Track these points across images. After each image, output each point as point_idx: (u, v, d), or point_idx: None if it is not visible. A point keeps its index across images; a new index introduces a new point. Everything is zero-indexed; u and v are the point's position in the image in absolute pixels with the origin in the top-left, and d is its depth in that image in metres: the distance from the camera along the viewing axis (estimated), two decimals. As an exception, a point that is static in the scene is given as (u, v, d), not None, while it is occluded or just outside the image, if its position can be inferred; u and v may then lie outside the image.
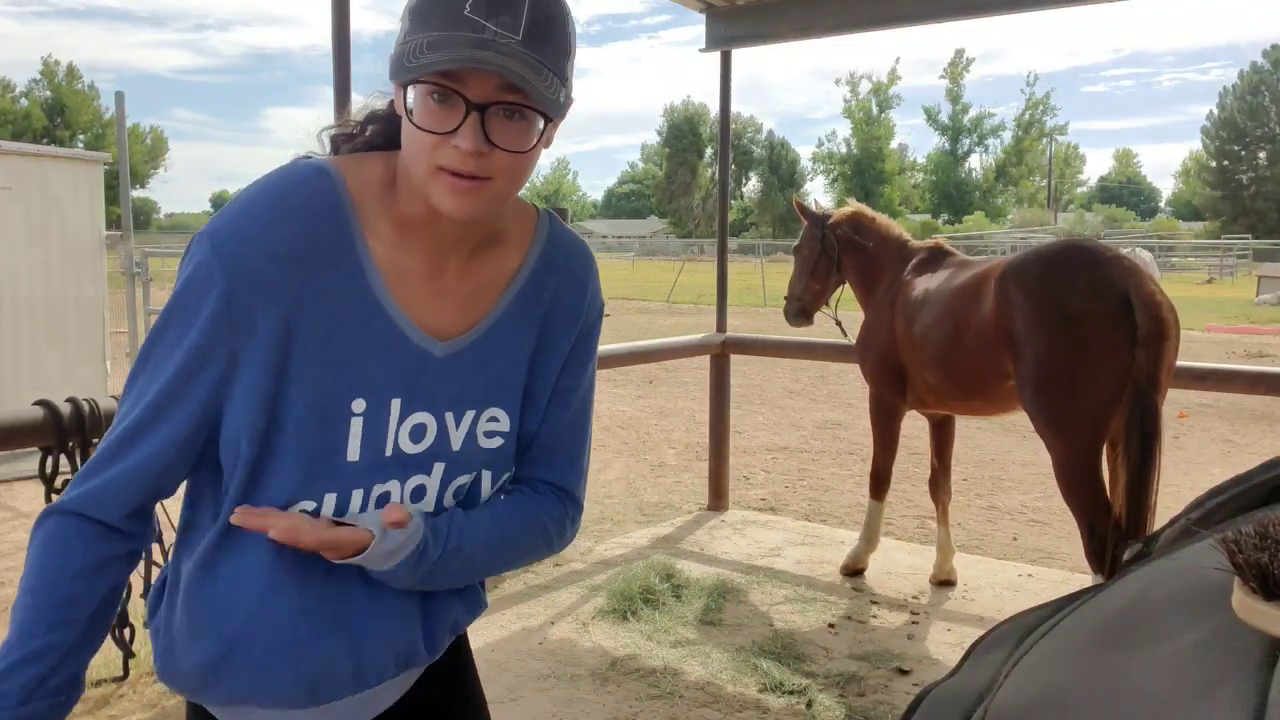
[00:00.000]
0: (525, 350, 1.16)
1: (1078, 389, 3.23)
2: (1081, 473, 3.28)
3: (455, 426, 1.12)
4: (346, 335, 1.04)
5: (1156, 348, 3.12)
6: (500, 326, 1.14)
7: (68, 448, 2.78)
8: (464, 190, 0.98)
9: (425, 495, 1.12)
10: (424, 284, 1.09)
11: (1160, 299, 3.18)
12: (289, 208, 1.02)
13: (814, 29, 5.09)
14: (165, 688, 3.19)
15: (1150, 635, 0.37)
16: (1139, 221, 55.62)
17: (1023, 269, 3.43)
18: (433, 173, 0.98)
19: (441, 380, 1.10)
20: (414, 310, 1.08)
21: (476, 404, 1.13)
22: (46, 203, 6.45)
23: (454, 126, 0.95)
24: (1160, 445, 3.20)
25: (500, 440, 1.16)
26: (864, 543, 4.44)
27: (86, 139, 60.43)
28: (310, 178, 1.04)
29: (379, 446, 1.07)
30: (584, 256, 1.23)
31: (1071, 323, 3.21)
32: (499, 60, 0.93)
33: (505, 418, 1.15)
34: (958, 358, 3.72)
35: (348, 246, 1.04)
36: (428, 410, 1.09)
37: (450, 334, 1.11)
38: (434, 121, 0.96)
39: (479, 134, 0.96)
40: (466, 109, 0.95)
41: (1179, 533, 0.45)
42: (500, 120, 0.97)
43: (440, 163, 0.97)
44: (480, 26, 0.93)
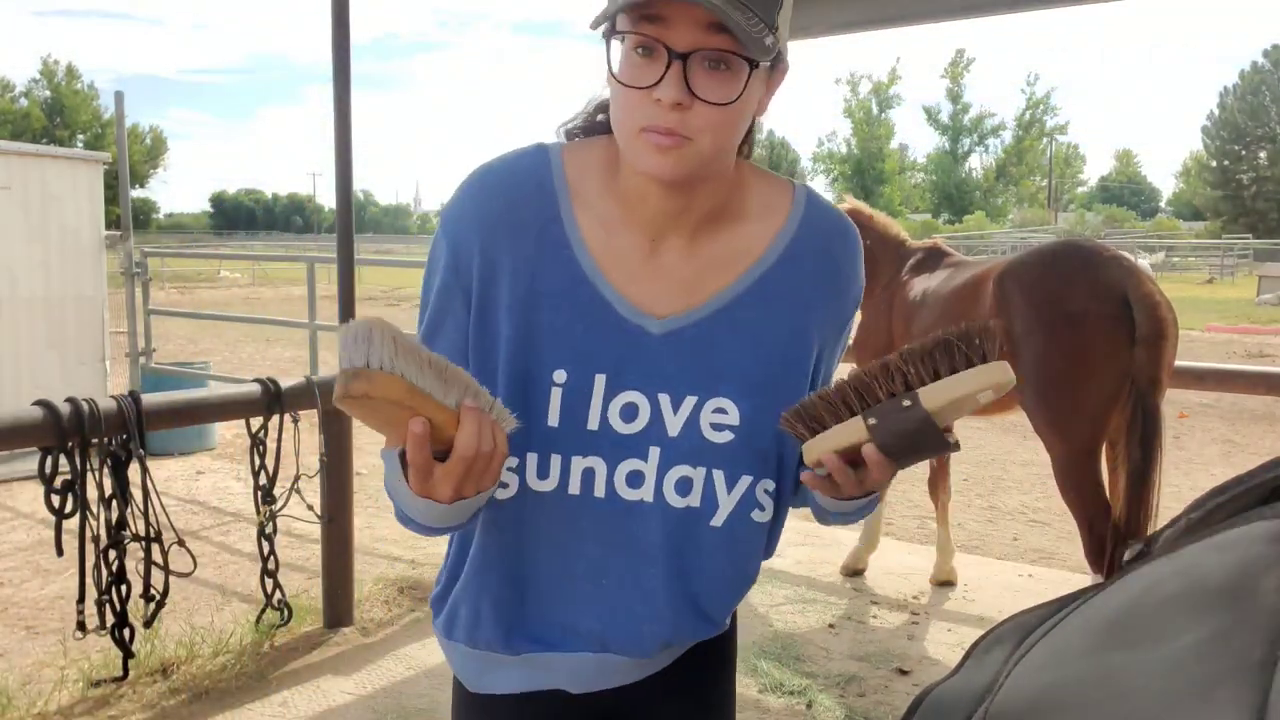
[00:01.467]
0: (770, 339, 1.08)
1: (1077, 389, 3.23)
2: (1081, 472, 3.28)
3: (673, 411, 1.06)
4: (553, 305, 1.04)
5: (1156, 347, 3.12)
6: (734, 309, 1.07)
7: (67, 448, 2.78)
8: (666, 148, 0.95)
9: (643, 482, 1.07)
10: (642, 260, 1.07)
11: (1159, 298, 3.17)
12: (495, 184, 1.07)
13: (814, 29, 5.09)
14: (165, 688, 3.19)
15: (1151, 635, 0.37)
16: (1139, 221, 55.59)
17: (1021, 269, 3.43)
18: (636, 134, 0.96)
19: (657, 360, 1.06)
20: (627, 287, 1.06)
21: (699, 389, 1.06)
22: (46, 202, 6.45)
23: (657, 79, 0.93)
24: (1161, 445, 3.20)
25: (730, 435, 1.07)
26: (863, 543, 4.44)
27: (86, 139, 60.45)
28: (522, 157, 1.08)
29: (580, 418, 1.05)
30: (847, 237, 1.14)
31: (1070, 323, 3.21)
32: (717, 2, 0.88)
33: (735, 410, 1.07)
34: None
35: (554, 221, 1.05)
36: (639, 389, 1.06)
37: (669, 312, 1.06)
38: (637, 76, 0.94)
39: (681, 84, 0.92)
40: (669, 59, 0.92)
41: (1179, 533, 0.45)
42: (703, 71, 0.93)
43: (644, 123, 0.95)
44: None
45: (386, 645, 3.61)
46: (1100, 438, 3.29)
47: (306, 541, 4.65)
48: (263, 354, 12.75)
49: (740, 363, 1.07)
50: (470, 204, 1.06)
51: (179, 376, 6.95)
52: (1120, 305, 3.15)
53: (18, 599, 4.11)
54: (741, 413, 1.07)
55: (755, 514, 1.10)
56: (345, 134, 3.61)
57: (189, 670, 3.31)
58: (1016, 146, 64.38)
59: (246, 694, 3.20)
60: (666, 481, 1.07)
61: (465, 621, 1.14)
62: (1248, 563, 0.37)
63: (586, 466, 1.06)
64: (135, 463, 2.95)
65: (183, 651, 3.39)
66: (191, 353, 11.95)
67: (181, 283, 27.35)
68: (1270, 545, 0.37)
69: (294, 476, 3.52)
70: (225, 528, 5.19)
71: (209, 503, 5.68)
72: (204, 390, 3.94)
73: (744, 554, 1.15)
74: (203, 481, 6.18)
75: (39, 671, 3.37)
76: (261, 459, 3.47)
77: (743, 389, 1.07)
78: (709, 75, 0.93)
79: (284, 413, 3.41)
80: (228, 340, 14.05)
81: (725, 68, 0.94)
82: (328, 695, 3.21)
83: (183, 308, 16.05)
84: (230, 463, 6.67)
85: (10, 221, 6.26)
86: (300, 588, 4.05)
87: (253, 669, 3.36)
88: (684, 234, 1.07)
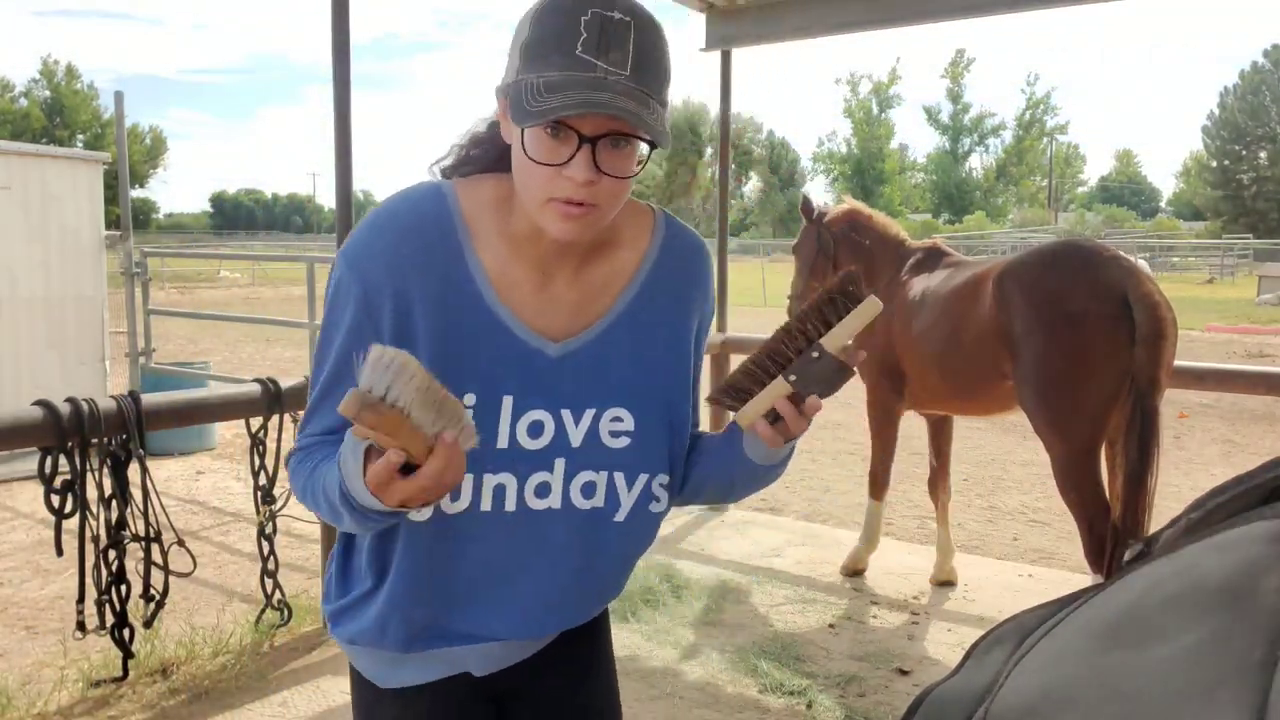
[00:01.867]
0: (650, 350, 1.22)
1: (1077, 389, 3.23)
2: (1080, 472, 3.28)
3: (574, 424, 1.17)
4: (459, 335, 1.13)
5: (1156, 347, 3.12)
6: (617, 328, 1.20)
7: (67, 448, 2.78)
8: (574, 216, 1.05)
9: (550, 492, 1.17)
10: (535, 291, 1.17)
11: (1159, 298, 3.17)
12: (404, 226, 1.14)
13: (814, 29, 5.09)
14: (165, 688, 3.19)
15: (1151, 636, 0.37)
16: (1139, 221, 55.56)
17: (1021, 269, 3.43)
18: (545, 203, 1.06)
19: (556, 379, 1.16)
20: (525, 314, 1.16)
21: (596, 402, 1.18)
22: (46, 202, 6.45)
23: (567, 158, 1.03)
24: (1159, 445, 3.20)
25: (627, 440, 1.19)
26: (864, 543, 4.44)
27: (86, 139, 60.43)
28: (425, 198, 1.16)
29: (490, 437, 1.13)
30: (700, 253, 1.28)
31: (1071, 323, 3.21)
32: (615, 102, 0.99)
33: (630, 418, 1.19)
34: (955, 358, 3.72)
35: (458, 257, 1.14)
36: (544, 408, 1.16)
37: (564, 335, 1.17)
38: (548, 154, 1.03)
39: (590, 164, 1.02)
40: (579, 142, 1.02)
41: (1180, 533, 0.45)
42: (608, 149, 1.03)
43: (553, 194, 1.05)
44: (592, 65, 1.00)
45: (386, 645, 3.61)
46: (1100, 437, 3.29)
47: (306, 541, 4.65)
48: (263, 354, 12.75)
49: (629, 375, 1.20)
50: (381, 245, 1.13)
51: (179, 376, 6.94)
52: (1120, 305, 3.15)
53: (18, 599, 4.12)
54: (636, 419, 1.19)
55: (652, 506, 1.23)
56: (345, 134, 3.61)
57: (189, 670, 3.31)
58: (1016, 146, 64.39)
59: (246, 694, 3.20)
60: (573, 488, 1.18)
61: (372, 632, 1.22)
62: (1248, 563, 0.37)
63: (498, 483, 1.15)
64: (135, 463, 2.95)
65: (182, 652, 3.39)
66: (191, 353, 11.95)
67: (181, 283, 27.35)
68: (1270, 545, 0.37)
69: (294, 476, 3.51)
70: (225, 528, 5.19)
71: (209, 503, 5.68)
72: (204, 390, 3.93)
73: (641, 542, 1.28)
74: (203, 481, 6.19)
75: (39, 671, 3.37)
76: (261, 459, 3.47)
77: (634, 398, 1.20)
78: (612, 153, 1.04)
79: (284, 413, 3.41)
80: (228, 340, 14.05)
81: (627, 144, 1.04)
82: (328, 695, 3.21)
83: (183, 308, 16.05)
84: (230, 463, 6.68)
85: (10, 221, 6.26)
86: (300, 588, 4.05)
87: (253, 669, 3.36)
88: (570, 266, 1.18)
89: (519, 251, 1.16)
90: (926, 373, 3.91)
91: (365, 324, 1.13)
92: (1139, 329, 3.12)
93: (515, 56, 1.06)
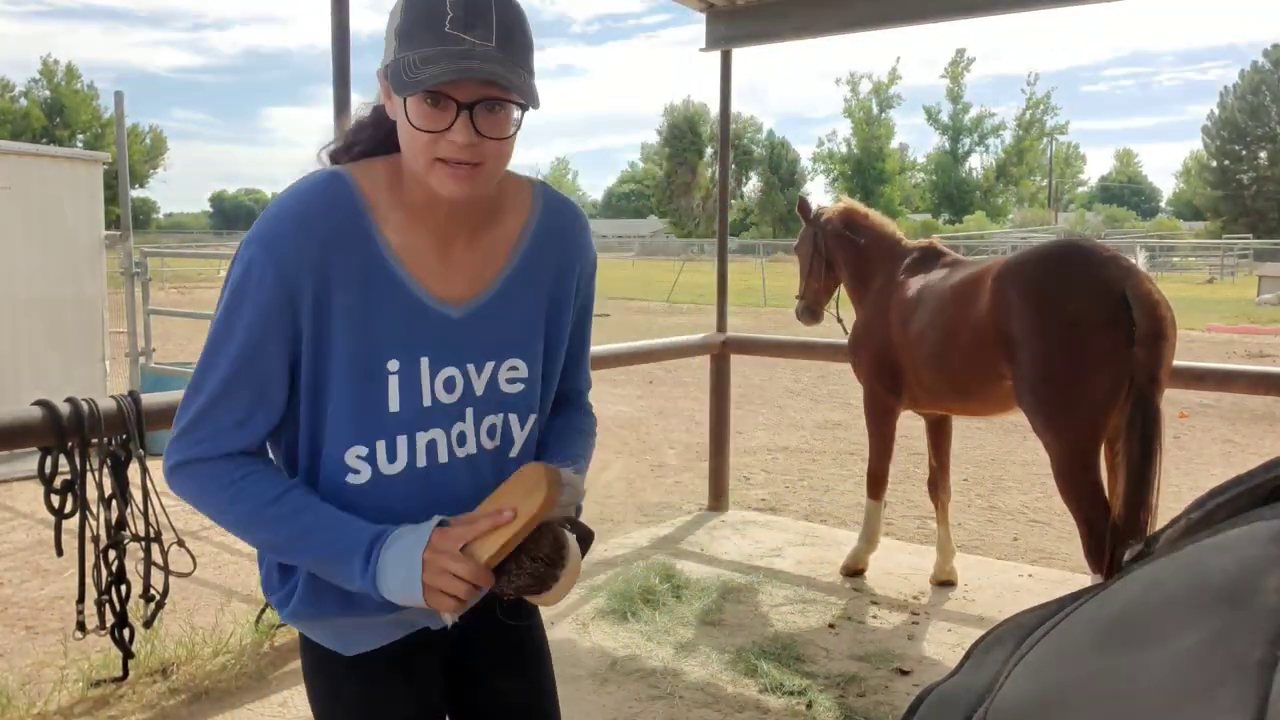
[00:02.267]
0: (538, 305, 1.37)
1: (1075, 390, 3.22)
2: (1079, 472, 3.28)
3: (478, 375, 1.32)
4: (376, 308, 1.24)
5: (1156, 347, 3.12)
6: (509, 287, 1.34)
7: (67, 448, 2.78)
8: (462, 176, 1.18)
9: (466, 440, 1.32)
10: (436, 259, 1.29)
11: (1158, 298, 3.17)
12: (315, 210, 1.22)
13: (814, 29, 5.09)
14: (165, 688, 3.19)
15: (1151, 636, 0.37)
16: (1139, 221, 55.60)
17: (1019, 270, 3.42)
18: (431, 164, 1.18)
19: (462, 338, 1.30)
20: (429, 281, 1.28)
21: (496, 355, 1.33)
22: (46, 203, 6.45)
23: (448, 125, 1.15)
24: (1161, 444, 3.20)
25: (521, 386, 1.36)
26: (863, 543, 4.44)
27: (86, 139, 60.42)
28: (326, 182, 1.25)
29: (416, 398, 1.27)
30: (577, 219, 1.43)
31: (1070, 324, 3.21)
32: (484, 68, 1.12)
33: (524, 366, 1.36)
34: (953, 358, 3.71)
35: (364, 235, 1.24)
36: (454, 365, 1.29)
37: (465, 298, 1.30)
38: (430, 122, 1.16)
39: (469, 128, 1.16)
40: (457, 109, 1.15)
41: (1180, 533, 0.45)
42: (484, 114, 1.16)
43: (438, 155, 1.17)
44: (460, 40, 1.12)
45: (386, 645, 3.62)
46: (1099, 438, 3.28)
47: (306, 541, 4.65)
48: (263, 354, 12.76)
49: (520, 328, 1.35)
50: (294, 229, 1.21)
51: (179, 376, 6.95)
52: (1119, 305, 3.14)
53: (18, 599, 4.12)
54: (528, 367, 1.36)
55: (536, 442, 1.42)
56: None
57: (189, 670, 3.31)
58: (1016, 146, 64.37)
59: (246, 694, 3.20)
60: (481, 432, 1.33)
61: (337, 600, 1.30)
62: (1248, 563, 0.37)
63: (429, 439, 1.29)
64: (135, 462, 2.95)
65: (183, 651, 3.39)
66: (191, 353, 11.95)
67: (181, 283, 27.36)
68: (1271, 545, 0.37)
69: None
70: (225, 528, 5.19)
71: (209, 503, 5.68)
72: (204, 390, 3.92)
73: None
74: (203, 481, 6.19)
75: (39, 671, 3.37)
76: (261, 459, 3.47)
77: (525, 349, 1.36)
78: (488, 117, 1.17)
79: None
80: (228, 340, 14.06)
81: (501, 108, 1.17)
82: (328, 695, 3.21)
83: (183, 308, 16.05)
84: (230, 463, 6.68)
85: (10, 221, 6.26)
86: (300, 588, 4.05)
87: (253, 669, 3.36)
88: (465, 231, 1.31)
89: (419, 222, 1.27)
90: (923, 373, 3.90)
91: (282, 306, 1.20)
92: (1138, 329, 3.11)
93: (391, 39, 1.18)
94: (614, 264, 45.06)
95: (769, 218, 64.72)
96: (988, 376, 3.58)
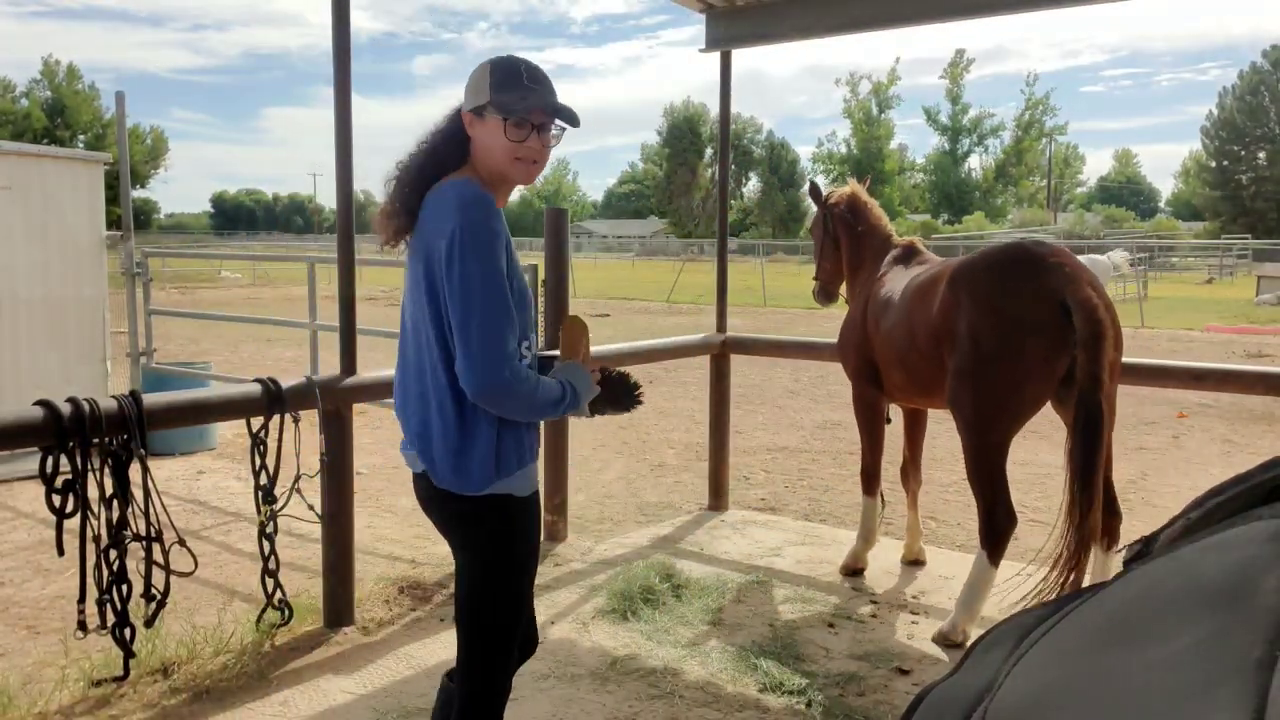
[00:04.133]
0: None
1: (1008, 390, 3.40)
2: (990, 464, 3.50)
3: None
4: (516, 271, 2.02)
5: (1095, 348, 3.25)
6: None
7: (68, 447, 2.78)
8: (531, 170, 2.07)
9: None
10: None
11: (1096, 302, 3.30)
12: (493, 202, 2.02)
13: (814, 29, 5.09)
14: (166, 687, 3.19)
15: (1150, 635, 0.37)
16: (1138, 221, 55.51)
17: (969, 271, 3.57)
18: (513, 162, 2.03)
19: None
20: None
21: None
22: (46, 203, 6.45)
23: (526, 137, 2.01)
24: (1105, 441, 3.32)
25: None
26: (861, 541, 4.47)
27: (87, 139, 60.39)
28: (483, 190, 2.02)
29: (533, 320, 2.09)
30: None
31: (1009, 326, 3.36)
32: (549, 102, 2.02)
33: None
34: (913, 355, 3.86)
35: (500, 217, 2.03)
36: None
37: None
38: (517, 135, 2.01)
39: (538, 139, 2.04)
40: (532, 128, 2.01)
41: (1179, 533, 0.45)
42: (543, 132, 2.04)
43: (518, 155, 2.03)
44: (535, 88, 2.02)
45: (387, 644, 3.62)
46: (1013, 433, 3.50)
47: (307, 541, 4.65)
48: (263, 354, 12.75)
49: None
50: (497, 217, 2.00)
51: (180, 376, 6.95)
52: (1058, 310, 3.29)
53: (19, 599, 4.12)
54: None
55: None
56: (345, 134, 3.61)
57: (190, 670, 3.31)
58: (1016, 147, 64.32)
59: (247, 693, 3.20)
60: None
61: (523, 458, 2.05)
62: (1247, 562, 0.37)
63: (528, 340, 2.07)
64: (136, 462, 2.95)
65: (184, 651, 3.39)
66: (192, 353, 11.95)
67: (182, 283, 27.33)
68: (1270, 545, 0.38)
69: (295, 476, 3.52)
70: (226, 527, 5.19)
71: (210, 502, 5.68)
72: (205, 390, 3.94)
73: None
74: (203, 481, 6.19)
75: (40, 671, 3.37)
76: (262, 459, 3.48)
77: None
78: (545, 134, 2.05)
79: (285, 413, 3.41)
80: (228, 340, 14.05)
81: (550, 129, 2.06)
82: (328, 695, 3.21)
83: (183, 308, 16.04)
84: (231, 462, 6.68)
85: (11, 222, 6.25)
86: (301, 587, 4.05)
87: (253, 668, 3.37)
88: None
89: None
90: (892, 369, 4.05)
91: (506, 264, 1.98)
92: (1079, 333, 3.25)
93: (485, 90, 1.99)
94: (614, 264, 45.03)
95: (769, 218, 64.69)
96: (943, 375, 3.67)
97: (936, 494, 5.90)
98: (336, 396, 3.62)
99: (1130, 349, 3.81)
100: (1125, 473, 6.70)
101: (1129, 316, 18.44)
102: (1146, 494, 5.98)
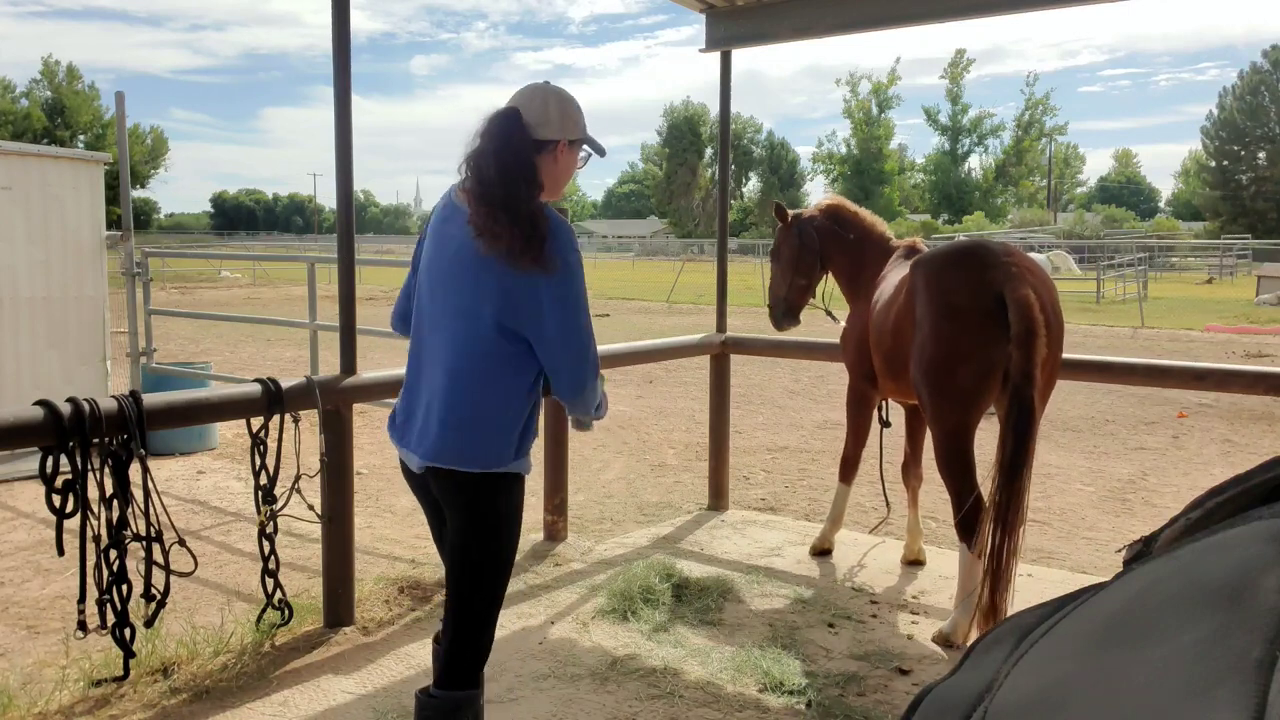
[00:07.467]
0: None
1: (950, 376, 3.50)
2: (952, 453, 3.59)
3: None
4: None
5: (1028, 345, 3.33)
6: None
7: (68, 447, 2.78)
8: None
9: None
10: None
11: (1033, 300, 3.37)
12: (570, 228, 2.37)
13: (814, 29, 5.09)
14: (166, 687, 3.19)
15: (1150, 635, 0.37)
16: (1138, 221, 55.50)
17: (928, 263, 3.68)
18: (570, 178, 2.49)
19: None
20: None
21: None
22: (46, 203, 6.45)
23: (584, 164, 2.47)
24: (1033, 435, 3.39)
25: None
26: (830, 523, 4.68)
27: (87, 139, 60.40)
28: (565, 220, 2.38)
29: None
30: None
31: (951, 315, 3.47)
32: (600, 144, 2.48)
33: None
34: (893, 349, 3.93)
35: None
36: None
37: None
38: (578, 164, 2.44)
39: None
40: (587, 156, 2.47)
41: (1179, 532, 0.45)
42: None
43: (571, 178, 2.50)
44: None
45: (387, 644, 3.62)
46: (971, 423, 3.57)
47: (307, 541, 4.65)
48: (263, 354, 12.74)
49: None
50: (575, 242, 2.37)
51: (180, 376, 6.95)
52: (995, 304, 3.39)
53: (19, 598, 4.12)
54: None
55: None
56: (345, 134, 3.61)
57: (190, 670, 3.31)
58: (1015, 147, 64.33)
59: (247, 693, 3.20)
60: None
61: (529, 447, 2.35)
62: (1247, 562, 0.37)
63: None
64: (136, 462, 2.95)
65: (183, 651, 3.39)
66: (192, 353, 11.95)
67: (182, 283, 27.34)
68: (1270, 545, 0.38)
69: (294, 476, 3.52)
70: (226, 527, 5.19)
71: (210, 502, 5.68)
72: (205, 390, 3.94)
73: None
74: (203, 481, 6.19)
75: (40, 671, 3.37)
76: (262, 459, 3.48)
77: None
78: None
79: (285, 413, 3.41)
80: (228, 340, 14.05)
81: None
82: (328, 694, 3.21)
83: (183, 308, 16.05)
84: (231, 462, 6.68)
85: (11, 222, 6.25)
86: (301, 587, 4.05)
87: (253, 668, 3.37)
88: None
89: None
90: (882, 363, 4.11)
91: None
92: (1012, 327, 3.33)
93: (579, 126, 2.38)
94: (614, 264, 45.05)
95: (769, 218, 64.61)
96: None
97: (937, 494, 5.89)
98: (336, 396, 3.62)
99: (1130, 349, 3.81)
100: (1125, 472, 6.71)
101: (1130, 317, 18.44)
102: (1146, 494, 5.98)
